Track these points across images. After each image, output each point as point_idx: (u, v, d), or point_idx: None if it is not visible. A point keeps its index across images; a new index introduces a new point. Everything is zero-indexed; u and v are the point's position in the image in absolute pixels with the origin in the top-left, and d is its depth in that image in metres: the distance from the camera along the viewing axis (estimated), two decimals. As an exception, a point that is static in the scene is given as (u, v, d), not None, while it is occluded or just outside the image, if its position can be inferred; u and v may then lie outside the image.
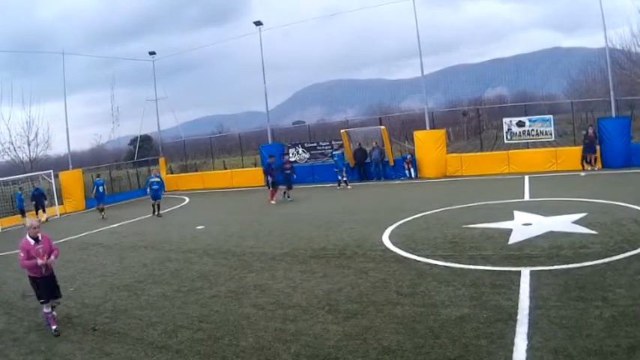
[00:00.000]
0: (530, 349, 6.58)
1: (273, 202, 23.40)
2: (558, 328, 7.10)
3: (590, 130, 25.53)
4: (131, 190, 35.80)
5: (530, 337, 6.92)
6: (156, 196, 23.49)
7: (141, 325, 8.94)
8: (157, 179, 24.20)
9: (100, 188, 25.66)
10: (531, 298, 8.38)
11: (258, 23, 34.33)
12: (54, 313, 9.20)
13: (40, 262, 8.81)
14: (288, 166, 24.59)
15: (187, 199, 26.23)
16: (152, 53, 38.97)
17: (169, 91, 40.53)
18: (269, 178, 24.05)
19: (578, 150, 26.24)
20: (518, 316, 7.67)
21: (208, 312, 9.29)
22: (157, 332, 8.50)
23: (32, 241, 8.95)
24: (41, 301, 9.05)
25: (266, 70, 35.08)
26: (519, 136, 28.31)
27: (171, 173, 38.77)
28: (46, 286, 9.06)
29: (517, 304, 8.14)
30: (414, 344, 7.11)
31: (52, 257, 9.08)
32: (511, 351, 6.59)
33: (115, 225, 22.17)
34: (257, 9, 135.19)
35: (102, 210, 25.40)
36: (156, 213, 23.37)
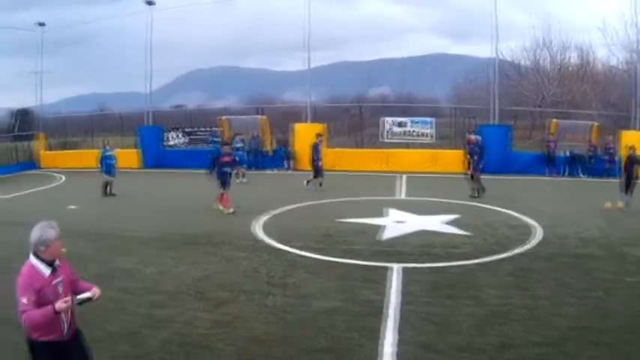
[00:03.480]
0: (401, 343, 6.72)
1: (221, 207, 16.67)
2: (428, 324, 7.32)
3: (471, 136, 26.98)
4: (9, 165, 33.65)
5: (400, 331, 7.08)
6: (110, 172, 20.84)
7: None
8: (112, 152, 21.72)
9: None
10: (402, 293, 8.63)
11: (150, 3, 33.66)
12: None
13: (61, 305, 4.39)
14: (227, 159, 17.06)
15: (64, 178, 24.86)
16: (41, 24, 36.95)
17: (54, 65, 38.34)
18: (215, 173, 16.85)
19: (457, 153, 27.60)
20: (389, 311, 7.86)
21: (76, 295, 8.85)
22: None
23: (45, 270, 4.57)
24: None
25: (153, 51, 34.62)
26: (400, 135, 29.26)
27: (50, 150, 37.13)
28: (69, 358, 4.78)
29: (387, 299, 8.36)
30: (284, 334, 7.18)
31: (97, 290, 4.82)
32: (381, 345, 6.70)
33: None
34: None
35: None
36: (109, 192, 20.72)
